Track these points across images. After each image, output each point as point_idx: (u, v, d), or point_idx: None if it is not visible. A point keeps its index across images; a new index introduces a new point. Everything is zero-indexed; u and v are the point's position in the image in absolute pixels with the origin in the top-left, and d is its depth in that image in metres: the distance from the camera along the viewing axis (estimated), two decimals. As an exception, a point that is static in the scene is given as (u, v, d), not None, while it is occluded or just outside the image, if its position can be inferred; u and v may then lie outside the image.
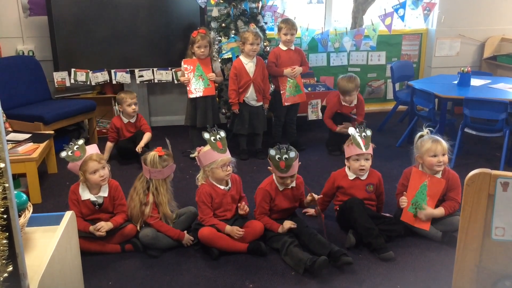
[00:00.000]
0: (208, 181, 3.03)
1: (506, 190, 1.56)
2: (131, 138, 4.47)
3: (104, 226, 2.90)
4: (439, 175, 3.09)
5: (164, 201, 3.03)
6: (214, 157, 2.96)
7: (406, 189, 3.11)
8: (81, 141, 2.98)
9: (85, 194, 2.97)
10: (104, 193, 3.00)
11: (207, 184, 3.02)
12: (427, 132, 3.15)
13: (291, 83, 4.56)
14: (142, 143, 4.33)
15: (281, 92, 4.56)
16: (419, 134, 3.18)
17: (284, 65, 4.55)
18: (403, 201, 3.08)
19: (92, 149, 3.03)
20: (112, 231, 2.97)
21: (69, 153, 2.93)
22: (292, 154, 2.91)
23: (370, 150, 3.17)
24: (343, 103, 4.53)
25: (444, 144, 3.06)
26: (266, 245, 2.99)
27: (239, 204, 3.11)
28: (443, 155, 3.06)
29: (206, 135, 2.96)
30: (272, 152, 2.94)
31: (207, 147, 2.99)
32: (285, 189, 3.08)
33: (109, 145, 4.47)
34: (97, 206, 3.00)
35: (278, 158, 2.91)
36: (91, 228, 2.90)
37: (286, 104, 4.60)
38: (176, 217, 3.13)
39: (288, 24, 4.50)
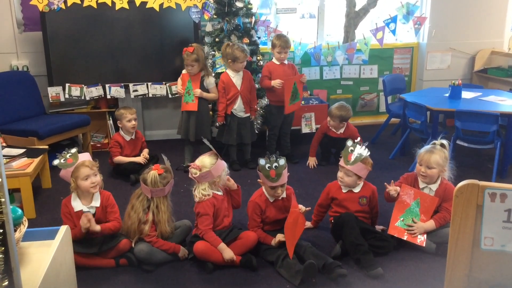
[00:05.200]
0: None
1: (494, 200, 1.59)
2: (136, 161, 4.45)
3: (91, 219, 2.84)
4: (436, 185, 3.15)
5: (164, 219, 2.99)
6: (222, 164, 3.05)
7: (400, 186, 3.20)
8: (74, 150, 2.99)
9: (77, 205, 2.95)
10: (96, 202, 2.99)
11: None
12: (440, 144, 3.19)
13: (292, 91, 4.51)
14: (146, 154, 4.49)
15: (285, 102, 4.50)
16: (432, 141, 3.26)
17: (277, 79, 4.58)
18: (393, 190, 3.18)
19: (85, 157, 3.03)
20: (107, 246, 2.96)
21: (62, 160, 2.93)
22: (282, 162, 2.95)
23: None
24: (330, 128, 4.55)
25: (436, 158, 3.09)
26: (261, 258, 3.00)
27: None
28: (428, 167, 3.10)
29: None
30: (262, 161, 2.97)
31: (210, 160, 3.01)
32: (275, 200, 3.10)
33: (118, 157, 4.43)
34: None
35: (268, 167, 2.94)
36: (82, 221, 2.83)
37: (287, 112, 4.58)
38: (172, 232, 3.10)
39: (282, 42, 4.52)
